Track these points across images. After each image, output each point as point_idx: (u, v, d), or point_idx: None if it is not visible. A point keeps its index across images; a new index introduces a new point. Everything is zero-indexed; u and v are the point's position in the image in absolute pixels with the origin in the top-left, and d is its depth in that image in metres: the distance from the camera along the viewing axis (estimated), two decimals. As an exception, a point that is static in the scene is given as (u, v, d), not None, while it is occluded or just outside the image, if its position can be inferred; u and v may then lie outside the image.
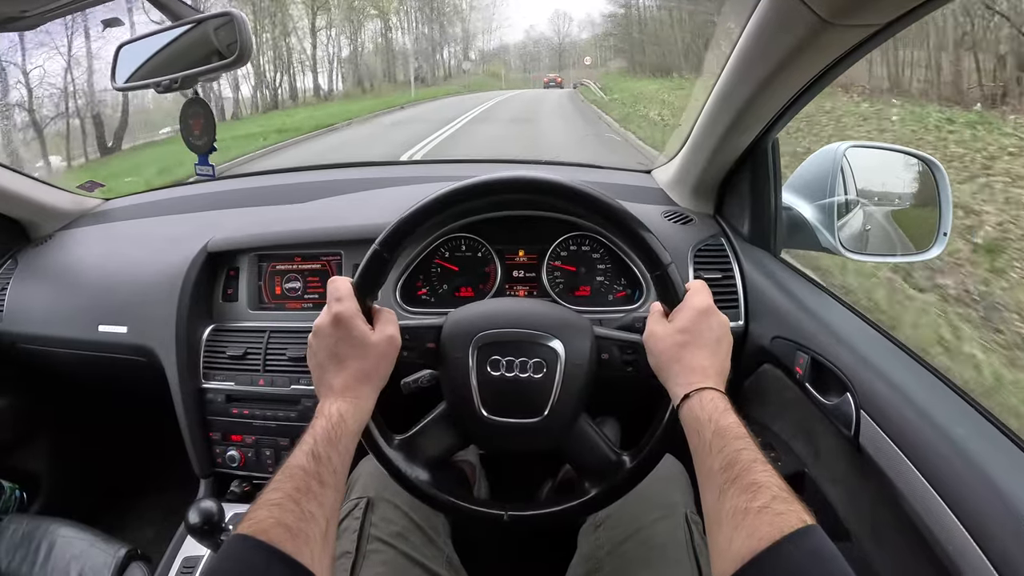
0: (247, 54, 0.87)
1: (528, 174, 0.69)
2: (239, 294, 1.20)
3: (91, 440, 1.68)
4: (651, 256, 0.67)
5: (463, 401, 0.71)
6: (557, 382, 0.69)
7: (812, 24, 0.65)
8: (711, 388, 0.61)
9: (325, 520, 0.54)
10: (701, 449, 0.58)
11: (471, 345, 0.70)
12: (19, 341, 1.35)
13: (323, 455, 0.57)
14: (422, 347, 0.73)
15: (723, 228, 1.13)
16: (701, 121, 1.02)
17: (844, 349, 0.81)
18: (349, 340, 0.65)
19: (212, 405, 1.14)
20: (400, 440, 0.74)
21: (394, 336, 0.68)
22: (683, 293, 0.68)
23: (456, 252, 1.14)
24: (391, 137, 12.90)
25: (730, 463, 0.54)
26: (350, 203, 1.30)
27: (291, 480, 0.55)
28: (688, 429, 0.61)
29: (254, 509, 0.52)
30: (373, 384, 0.67)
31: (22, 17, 0.84)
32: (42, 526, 1.14)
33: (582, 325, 0.73)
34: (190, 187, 1.60)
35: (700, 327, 0.65)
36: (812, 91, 0.84)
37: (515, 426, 0.70)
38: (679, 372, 0.64)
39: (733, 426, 0.57)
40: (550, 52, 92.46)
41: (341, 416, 0.62)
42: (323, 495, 0.55)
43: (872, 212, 1.09)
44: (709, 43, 16.92)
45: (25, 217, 1.43)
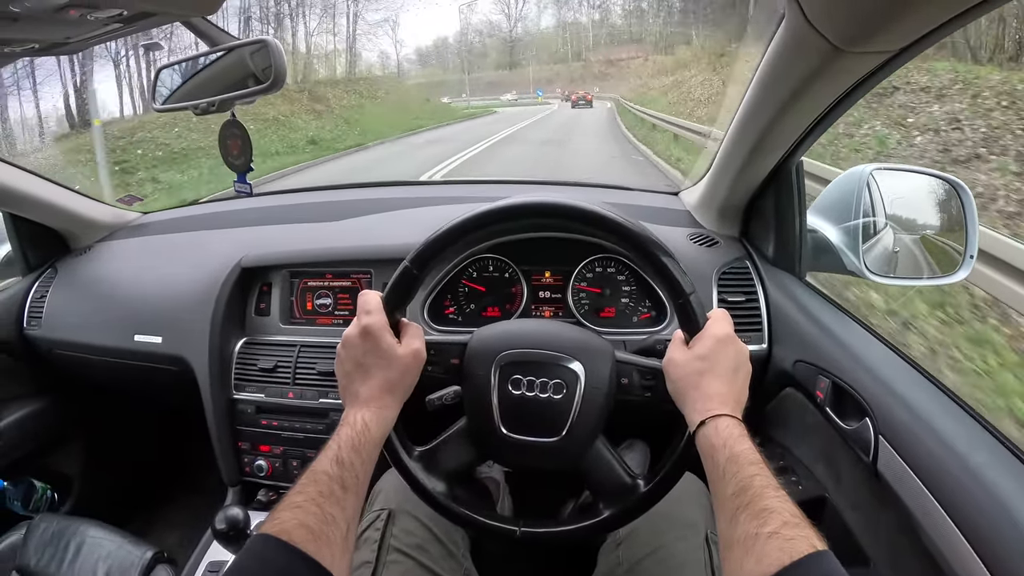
0: (281, 79, 0.91)
1: (555, 199, 0.71)
2: (271, 309, 1.23)
3: (122, 444, 1.73)
4: (672, 284, 0.68)
5: (483, 417, 0.72)
6: (576, 404, 0.70)
7: (826, 52, 0.67)
8: (727, 415, 0.62)
9: (346, 524, 0.56)
10: (715, 475, 0.59)
11: (494, 363, 0.72)
12: (56, 347, 1.40)
13: (347, 461, 0.59)
14: (446, 362, 0.74)
15: (748, 251, 1.13)
16: (726, 144, 1.03)
17: (865, 374, 0.80)
18: (376, 352, 0.67)
19: (242, 416, 1.17)
20: (420, 452, 0.75)
21: (420, 350, 0.70)
22: (703, 321, 0.69)
23: (483, 272, 1.16)
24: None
25: (743, 489, 0.55)
26: (380, 222, 1.32)
27: (315, 484, 0.57)
28: (703, 455, 0.62)
29: (278, 510, 0.54)
30: (397, 395, 0.68)
31: (66, 43, 0.88)
32: (72, 526, 1.17)
33: (603, 349, 0.74)
34: (224, 203, 1.64)
35: (719, 355, 0.66)
36: (834, 114, 0.85)
37: (533, 444, 0.71)
38: (696, 399, 0.65)
39: (747, 452, 0.58)
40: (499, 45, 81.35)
41: (365, 424, 0.64)
42: (345, 500, 0.57)
43: (900, 235, 1.08)
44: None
45: (66, 228, 1.48)
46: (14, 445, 1.42)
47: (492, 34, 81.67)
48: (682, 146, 9.90)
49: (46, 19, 0.73)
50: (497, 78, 76.04)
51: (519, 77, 74.91)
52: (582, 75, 67.67)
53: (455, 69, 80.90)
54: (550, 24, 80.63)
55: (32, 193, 1.34)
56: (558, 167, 10.44)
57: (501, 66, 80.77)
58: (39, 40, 0.83)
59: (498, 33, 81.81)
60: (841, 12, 0.62)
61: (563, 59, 77.66)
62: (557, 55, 79.44)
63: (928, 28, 0.60)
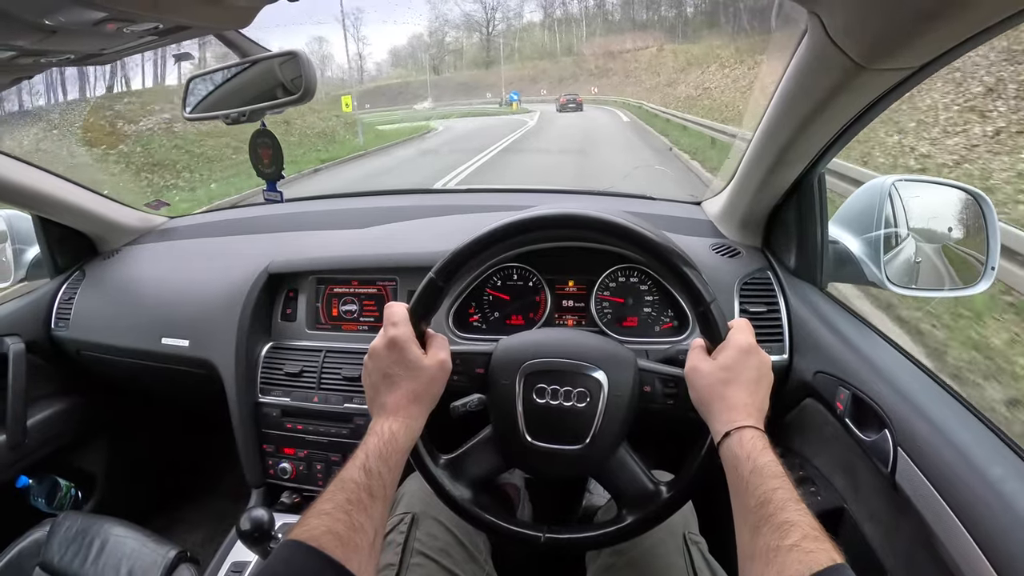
0: (312, 90, 0.92)
1: (577, 211, 0.72)
2: (297, 314, 1.25)
3: (145, 444, 1.76)
4: (694, 293, 0.69)
5: (508, 425, 0.73)
6: (599, 412, 0.72)
7: (848, 68, 0.67)
8: (751, 426, 0.63)
9: (373, 531, 0.57)
10: (738, 486, 0.60)
11: (518, 372, 0.73)
12: (83, 348, 1.43)
13: (374, 469, 0.61)
14: (472, 372, 0.76)
15: (770, 261, 1.13)
16: (748, 155, 1.03)
17: (884, 385, 0.81)
18: (402, 363, 0.69)
19: (267, 419, 1.19)
20: (446, 460, 0.77)
21: (445, 361, 0.71)
22: (725, 331, 0.70)
23: (508, 281, 1.17)
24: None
25: (765, 501, 0.56)
26: (406, 230, 1.34)
27: (343, 492, 0.58)
28: (726, 465, 0.63)
29: (307, 517, 0.56)
30: (423, 405, 0.70)
31: (101, 54, 0.89)
32: (96, 524, 1.19)
33: (626, 357, 0.75)
34: (251, 209, 1.67)
35: (742, 366, 0.67)
36: (855, 128, 0.86)
37: (557, 452, 0.72)
38: (720, 410, 0.66)
39: (770, 465, 0.59)
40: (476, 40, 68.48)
41: (392, 434, 0.65)
42: (372, 507, 0.58)
43: (921, 246, 1.08)
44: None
45: (94, 232, 1.51)
46: (40, 444, 1.45)
47: (467, 27, 70.80)
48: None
49: (83, 32, 0.75)
50: (470, 79, 67.77)
51: (496, 77, 65.20)
52: (574, 73, 58.78)
53: (420, 69, 71.65)
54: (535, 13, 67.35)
55: (62, 197, 1.37)
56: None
57: (477, 64, 70.91)
58: (75, 51, 0.85)
59: (473, 26, 70.74)
60: (863, 30, 0.63)
61: (550, 54, 66.84)
62: (543, 49, 68.28)
63: (948, 46, 0.61)
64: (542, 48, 68.40)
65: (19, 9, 0.56)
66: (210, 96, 1.09)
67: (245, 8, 0.80)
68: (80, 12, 0.61)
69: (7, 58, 0.76)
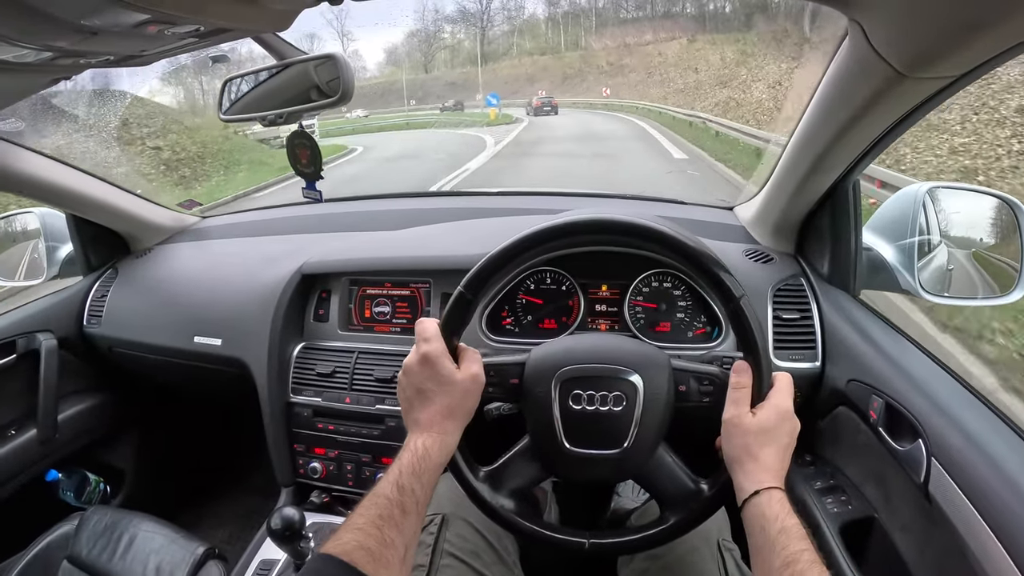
0: (349, 93, 0.93)
1: (611, 216, 0.72)
2: (330, 315, 1.26)
3: (174, 441, 1.78)
4: (725, 293, 0.69)
5: (546, 434, 0.73)
6: (637, 414, 0.71)
7: (889, 76, 0.67)
8: (778, 488, 0.65)
9: (404, 547, 0.59)
10: (765, 545, 0.61)
11: (553, 380, 0.73)
12: (115, 345, 1.45)
13: (407, 486, 0.62)
14: (506, 383, 0.76)
15: (803, 268, 1.13)
16: (783, 161, 1.03)
17: (918, 395, 0.80)
18: (436, 378, 0.69)
19: (298, 418, 1.20)
20: (486, 472, 0.77)
21: (478, 374, 0.72)
22: (769, 386, 0.70)
23: (541, 285, 1.17)
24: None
25: (791, 562, 0.57)
26: (439, 232, 1.34)
27: (375, 507, 0.60)
28: (751, 524, 0.64)
29: (340, 532, 0.57)
30: (458, 420, 0.70)
31: (140, 55, 0.90)
32: (124, 519, 1.20)
33: (659, 358, 0.75)
34: (283, 210, 1.69)
35: (780, 430, 0.69)
36: (892, 136, 0.85)
37: (597, 457, 0.72)
38: (753, 469, 0.67)
39: (796, 527, 0.60)
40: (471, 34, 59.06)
41: (426, 450, 0.66)
42: (404, 523, 0.60)
43: (955, 253, 1.07)
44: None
45: (127, 231, 1.54)
46: (70, 438, 1.47)
47: (463, 20, 62.88)
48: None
49: (124, 33, 0.76)
50: (460, 77, 57.85)
51: (490, 75, 56.40)
52: (580, 70, 47.86)
53: (415, 67, 65.14)
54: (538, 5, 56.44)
55: (96, 196, 1.40)
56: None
57: (472, 61, 62.77)
58: (114, 53, 0.86)
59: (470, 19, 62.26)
60: (905, 40, 0.63)
61: (553, 48, 57.03)
62: (546, 43, 59.21)
63: (991, 55, 0.61)
64: (544, 42, 59.96)
65: (61, 11, 0.57)
66: (245, 97, 1.11)
67: (285, 12, 0.81)
68: (122, 14, 0.62)
69: (46, 59, 0.77)
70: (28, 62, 0.77)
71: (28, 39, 0.70)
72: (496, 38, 63.39)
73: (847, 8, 0.66)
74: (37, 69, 0.80)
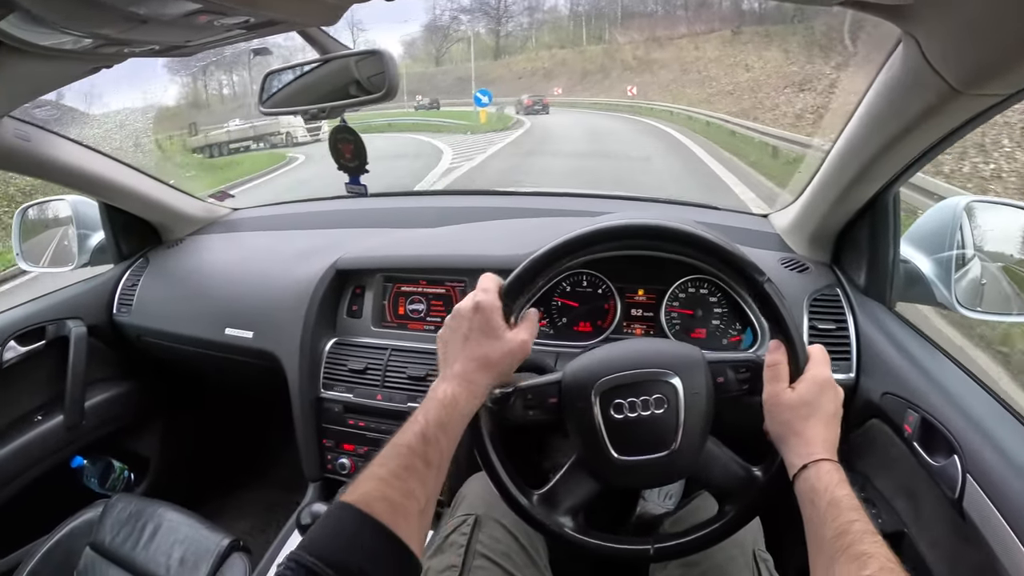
0: (394, 89, 0.93)
1: (669, 224, 0.73)
2: (363, 311, 1.26)
3: (200, 431, 1.80)
4: (782, 326, 0.71)
5: (593, 447, 0.73)
6: (680, 414, 0.71)
7: (943, 91, 0.67)
8: (827, 459, 0.64)
9: (425, 499, 0.58)
10: (815, 518, 0.60)
11: (592, 392, 0.72)
12: (144, 334, 1.47)
13: (432, 437, 0.60)
14: (545, 403, 0.75)
15: (838, 278, 1.12)
16: (825, 170, 1.02)
17: (954, 410, 0.80)
18: (483, 327, 0.68)
19: (328, 414, 1.20)
20: (539, 495, 0.77)
21: (527, 341, 0.70)
22: (805, 360, 0.70)
23: (577, 287, 1.16)
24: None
25: (842, 532, 0.56)
26: (476, 232, 1.34)
27: (399, 457, 0.58)
28: (802, 498, 0.63)
29: (361, 481, 0.56)
30: (491, 375, 0.68)
31: (184, 46, 0.90)
32: (149, 508, 1.21)
33: (693, 354, 0.75)
34: (314, 204, 1.69)
35: (821, 400, 0.68)
36: (938, 149, 0.84)
37: (647, 462, 0.72)
38: (798, 444, 0.66)
39: (847, 498, 0.59)
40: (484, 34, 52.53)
41: (455, 399, 0.64)
42: (426, 475, 0.58)
43: (989, 268, 1.06)
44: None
45: (159, 220, 1.55)
46: (96, 425, 1.49)
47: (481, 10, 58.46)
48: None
49: (173, 23, 0.76)
50: (470, 71, 52.48)
51: (504, 69, 52.90)
52: (603, 65, 42.16)
53: (427, 60, 61.20)
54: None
55: (129, 185, 1.41)
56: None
57: (485, 55, 58.73)
58: (160, 42, 0.86)
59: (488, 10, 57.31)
60: (963, 56, 0.62)
61: (573, 41, 50.99)
62: (565, 36, 52.78)
63: None
64: (564, 35, 53.80)
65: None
66: (284, 90, 1.11)
67: (334, 6, 0.81)
68: (174, 3, 0.62)
69: (90, 46, 0.77)
70: (69, 49, 0.77)
71: (75, 25, 0.70)
72: (513, 30, 58.96)
73: (903, 22, 0.65)
74: (79, 57, 0.80)
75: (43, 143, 1.20)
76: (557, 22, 52.46)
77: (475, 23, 57.86)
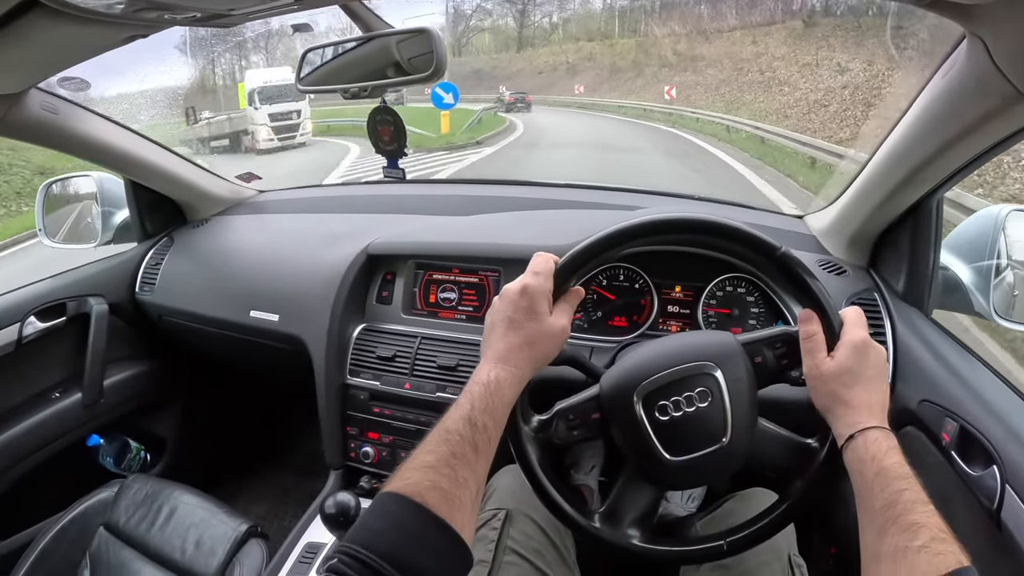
0: (442, 69, 0.91)
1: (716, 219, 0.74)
2: (393, 298, 1.24)
3: (217, 413, 1.79)
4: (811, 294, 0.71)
5: (645, 453, 0.72)
6: (726, 403, 0.70)
7: (1008, 95, 0.65)
8: (875, 427, 0.62)
9: (476, 487, 0.56)
10: (863, 488, 0.60)
11: (634, 399, 0.72)
12: (166, 314, 1.46)
13: (479, 423, 0.59)
14: (588, 421, 0.75)
15: (876, 282, 1.10)
16: (870, 172, 1.01)
17: (993, 420, 0.79)
18: (527, 311, 0.68)
19: (354, 401, 1.18)
20: (601, 514, 0.76)
21: (566, 326, 0.71)
22: (839, 325, 0.70)
23: (614, 281, 1.15)
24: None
25: (891, 502, 0.55)
26: (509, 222, 1.32)
27: (447, 444, 0.57)
28: (851, 469, 0.62)
29: (408, 469, 0.54)
30: (534, 356, 0.68)
31: (228, 15, 0.88)
32: (166, 490, 1.20)
33: (726, 340, 0.75)
34: (340, 188, 1.68)
35: (862, 364, 0.67)
36: (991, 154, 0.83)
37: (703, 458, 0.71)
38: (844, 413, 0.65)
39: (896, 466, 0.58)
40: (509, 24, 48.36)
41: (499, 383, 0.63)
42: (476, 462, 0.57)
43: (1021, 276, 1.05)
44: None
45: (185, 200, 1.54)
46: (114, 404, 1.48)
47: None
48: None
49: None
50: (489, 64, 48.62)
51: (524, 63, 47.07)
52: (636, 61, 35.03)
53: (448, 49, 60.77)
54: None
55: (157, 163, 1.40)
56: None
57: (508, 47, 53.20)
58: (202, 9, 0.84)
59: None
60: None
61: (604, 33, 43.63)
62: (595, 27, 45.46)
63: None
64: (593, 25, 46.17)
65: None
66: (322, 68, 1.09)
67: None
68: None
69: (130, 9, 0.74)
70: (108, 12, 0.74)
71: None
72: (539, 20, 53.49)
73: (970, 22, 0.64)
74: (118, 21, 0.77)
75: (71, 117, 1.19)
76: (589, 12, 47.26)
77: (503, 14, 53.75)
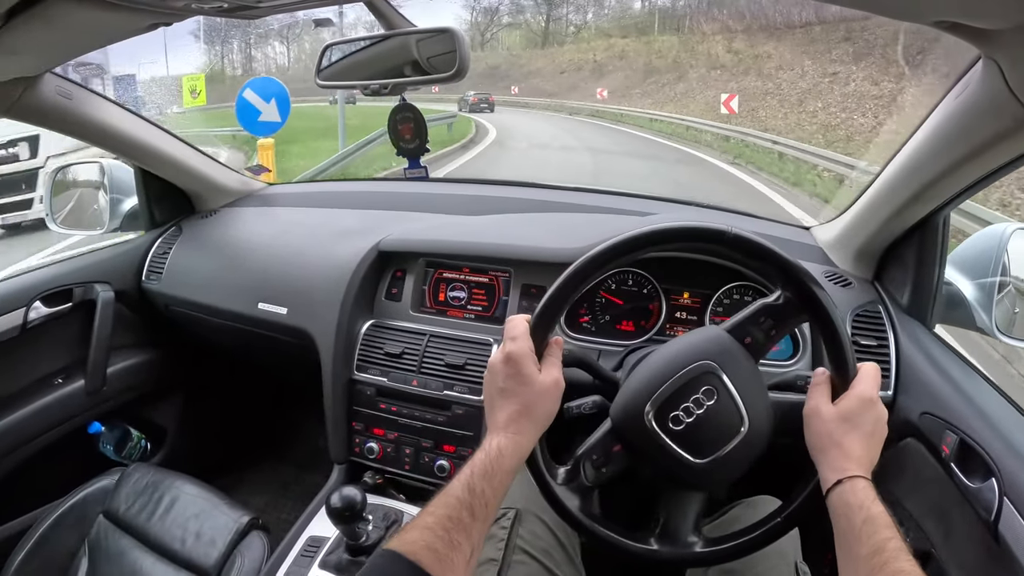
0: (464, 69, 0.90)
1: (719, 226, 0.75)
2: (403, 295, 1.25)
3: (220, 404, 1.79)
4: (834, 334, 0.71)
5: (676, 465, 0.72)
6: (733, 393, 0.71)
7: (1020, 118, 0.66)
8: (862, 477, 0.64)
9: (470, 549, 0.59)
10: (849, 534, 0.61)
11: (646, 419, 0.72)
12: (172, 303, 1.45)
13: (477, 488, 0.61)
14: (611, 455, 0.76)
15: (881, 295, 1.12)
16: (879, 186, 1.02)
17: (993, 433, 0.80)
18: (517, 377, 0.69)
19: (360, 396, 1.19)
20: (656, 536, 0.77)
21: (558, 379, 0.72)
22: (854, 374, 0.71)
23: (623, 286, 1.16)
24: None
25: (878, 550, 0.57)
26: (521, 223, 1.32)
27: (445, 507, 0.59)
28: (836, 513, 0.64)
29: (408, 529, 0.58)
30: (534, 420, 0.69)
31: (255, 7, 0.86)
32: (167, 480, 1.19)
33: (713, 334, 0.76)
34: (351, 184, 1.68)
35: (863, 417, 0.68)
36: (1000, 174, 0.84)
37: (730, 452, 0.71)
38: (836, 457, 0.66)
39: (882, 516, 0.60)
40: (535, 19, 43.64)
41: (500, 451, 0.65)
42: (472, 526, 0.59)
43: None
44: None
45: (194, 189, 1.54)
46: (117, 392, 1.48)
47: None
48: None
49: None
50: (506, 61, 43.50)
51: (546, 61, 40.64)
52: (676, 61, 27.96)
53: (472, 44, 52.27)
54: None
55: (168, 152, 1.40)
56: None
57: (533, 43, 46.60)
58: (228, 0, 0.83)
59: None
60: None
61: (640, 28, 35.85)
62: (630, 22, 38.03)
63: None
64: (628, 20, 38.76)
65: None
66: (340, 63, 1.09)
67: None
68: None
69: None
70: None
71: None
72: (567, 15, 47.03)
73: (987, 45, 0.64)
74: (144, 8, 0.76)
75: (85, 103, 1.19)
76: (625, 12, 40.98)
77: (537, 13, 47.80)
